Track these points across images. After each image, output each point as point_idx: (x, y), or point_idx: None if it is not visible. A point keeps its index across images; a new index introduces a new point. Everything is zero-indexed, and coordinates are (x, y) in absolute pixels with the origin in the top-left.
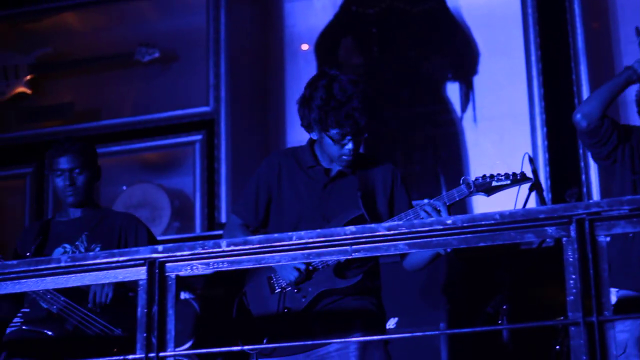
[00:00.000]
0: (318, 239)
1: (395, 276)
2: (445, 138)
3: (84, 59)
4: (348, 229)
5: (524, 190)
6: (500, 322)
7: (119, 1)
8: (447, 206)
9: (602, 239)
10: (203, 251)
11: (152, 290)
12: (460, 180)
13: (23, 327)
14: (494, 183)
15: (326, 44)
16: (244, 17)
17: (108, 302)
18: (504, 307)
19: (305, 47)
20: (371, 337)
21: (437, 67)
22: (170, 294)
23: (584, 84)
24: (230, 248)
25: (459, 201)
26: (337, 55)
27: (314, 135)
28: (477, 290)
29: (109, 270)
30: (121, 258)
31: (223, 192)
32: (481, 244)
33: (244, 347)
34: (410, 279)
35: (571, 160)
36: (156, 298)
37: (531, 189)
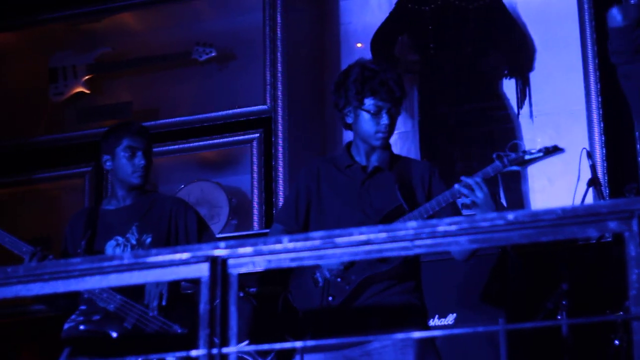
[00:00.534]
0: (380, 234)
1: (453, 272)
2: (502, 134)
3: (142, 59)
4: (409, 224)
5: (582, 185)
6: (559, 317)
7: (176, 1)
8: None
9: None
10: (265, 248)
11: (215, 287)
12: (493, 155)
13: (81, 327)
14: (527, 156)
15: (382, 41)
16: (300, 16)
17: (164, 304)
18: (564, 302)
19: (360, 45)
20: (431, 333)
21: (494, 64)
22: (232, 291)
23: None
24: (292, 244)
25: (494, 176)
26: (393, 52)
27: (350, 118)
28: (536, 285)
29: (171, 267)
30: (183, 255)
31: (281, 190)
32: (543, 239)
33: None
34: (468, 275)
35: (628, 155)
36: (218, 295)
37: (589, 184)
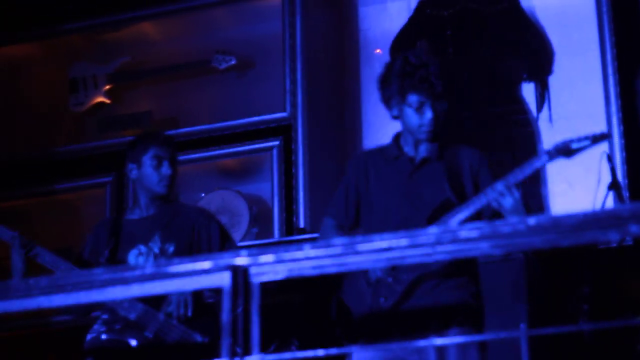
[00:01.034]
0: (401, 241)
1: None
2: (521, 138)
3: (162, 68)
4: (431, 231)
5: (603, 189)
6: (581, 322)
7: (195, 10)
8: (519, 182)
9: None
10: (286, 256)
11: (237, 296)
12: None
13: (103, 337)
14: (574, 145)
15: (401, 47)
16: (319, 23)
17: (189, 314)
18: (585, 307)
19: (379, 52)
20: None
21: (513, 68)
22: (254, 300)
23: None
24: (313, 252)
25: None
26: None
27: (395, 111)
28: (558, 290)
29: (193, 276)
30: (205, 264)
31: (301, 197)
32: (564, 244)
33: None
34: (489, 280)
35: None
36: (240, 304)
37: (609, 188)
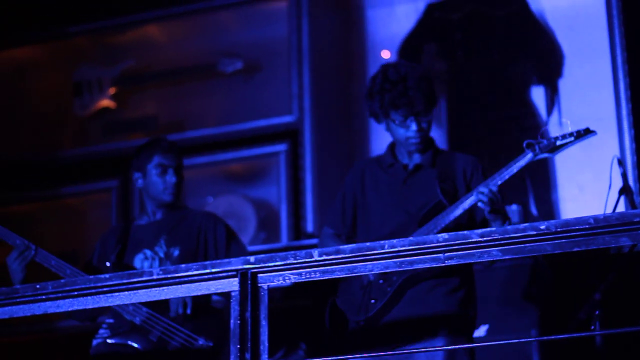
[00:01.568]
0: (410, 247)
1: (486, 283)
2: None
3: (167, 71)
4: (441, 236)
5: (614, 194)
6: (592, 328)
7: (201, 13)
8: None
9: None
10: (295, 261)
11: (245, 301)
12: (523, 144)
13: (109, 341)
14: (559, 142)
15: (409, 51)
16: (326, 26)
17: (189, 313)
18: (596, 313)
19: (386, 55)
20: (464, 346)
21: (522, 71)
22: (263, 305)
23: None
24: (322, 258)
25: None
26: (421, 61)
27: (383, 125)
28: (569, 296)
29: (201, 282)
30: (213, 269)
31: (309, 202)
32: (575, 249)
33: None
34: (500, 286)
35: None
36: (249, 309)
37: (621, 192)
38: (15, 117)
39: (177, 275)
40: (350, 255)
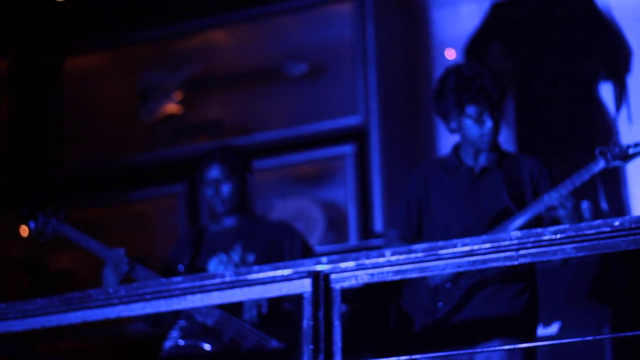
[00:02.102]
0: (483, 245)
1: (557, 281)
2: (600, 139)
3: (233, 76)
4: (514, 234)
5: None
6: None
7: (265, 17)
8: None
9: None
10: (367, 262)
11: (318, 302)
12: (596, 151)
13: (180, 342)
14: (631, 150)
15: (475, 50)
16: (391, 27)
17: (264, 312)
18: None
19: (450, 54)
20: (536, 343)
21: (589, 68)
22: (335, 306)
23: None
24: (394, 258)
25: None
26: (487, 60)
27: (453, 124)
28: None
29: (273, 283)
30: (285, 271)
31: (377, 202)
32: None
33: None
34: (572, 283)
35: None
36: (322, 310)
37: None
38: (82, 124)
39: (250, 277)
40: (422, 254)
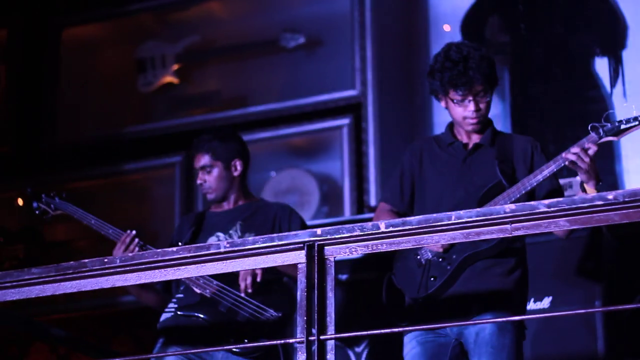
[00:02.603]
0: (477, 218)
1: (548, 255)
2: (595, 114)
3: (230, 47)
4: (508, 207)
5: None
6: None
7: None
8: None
9: None
10: (362, 233)
11: (312, 273)
12: (588, 127)
13: (178, 313)
14: (623, 126)
15: (472, 24)
16: (388, 0)
17: (258, 281)
18: None
19: (447, 29)
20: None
21: (585, 43)
22: (329, 277)
23: None
24: (389, 229)
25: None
26: (484, 34)
27: (443, 103)
28: (633, 267)
29: (268, 254)
30: (280, 242)
31: (372, 175)
32: None
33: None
34: (563, 257)
35: None
36: (316, 281)
37: None
38: (79, 94)
39: (245, 247)
40: (417, 226)
